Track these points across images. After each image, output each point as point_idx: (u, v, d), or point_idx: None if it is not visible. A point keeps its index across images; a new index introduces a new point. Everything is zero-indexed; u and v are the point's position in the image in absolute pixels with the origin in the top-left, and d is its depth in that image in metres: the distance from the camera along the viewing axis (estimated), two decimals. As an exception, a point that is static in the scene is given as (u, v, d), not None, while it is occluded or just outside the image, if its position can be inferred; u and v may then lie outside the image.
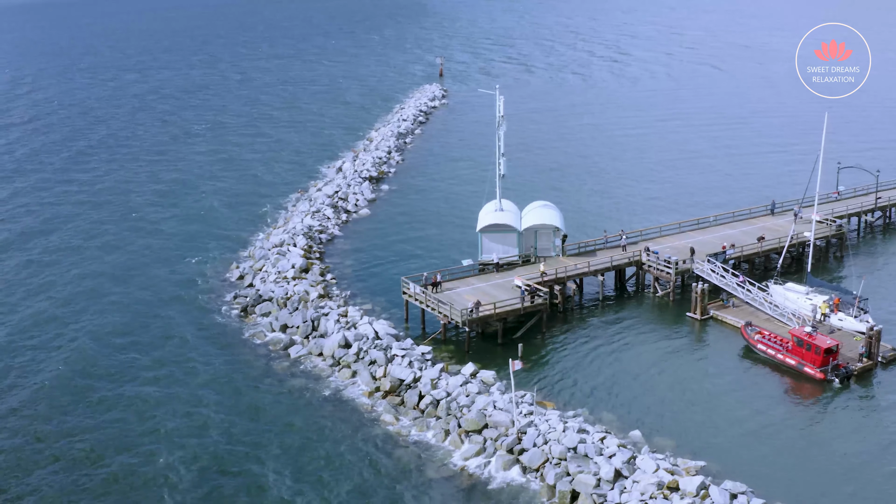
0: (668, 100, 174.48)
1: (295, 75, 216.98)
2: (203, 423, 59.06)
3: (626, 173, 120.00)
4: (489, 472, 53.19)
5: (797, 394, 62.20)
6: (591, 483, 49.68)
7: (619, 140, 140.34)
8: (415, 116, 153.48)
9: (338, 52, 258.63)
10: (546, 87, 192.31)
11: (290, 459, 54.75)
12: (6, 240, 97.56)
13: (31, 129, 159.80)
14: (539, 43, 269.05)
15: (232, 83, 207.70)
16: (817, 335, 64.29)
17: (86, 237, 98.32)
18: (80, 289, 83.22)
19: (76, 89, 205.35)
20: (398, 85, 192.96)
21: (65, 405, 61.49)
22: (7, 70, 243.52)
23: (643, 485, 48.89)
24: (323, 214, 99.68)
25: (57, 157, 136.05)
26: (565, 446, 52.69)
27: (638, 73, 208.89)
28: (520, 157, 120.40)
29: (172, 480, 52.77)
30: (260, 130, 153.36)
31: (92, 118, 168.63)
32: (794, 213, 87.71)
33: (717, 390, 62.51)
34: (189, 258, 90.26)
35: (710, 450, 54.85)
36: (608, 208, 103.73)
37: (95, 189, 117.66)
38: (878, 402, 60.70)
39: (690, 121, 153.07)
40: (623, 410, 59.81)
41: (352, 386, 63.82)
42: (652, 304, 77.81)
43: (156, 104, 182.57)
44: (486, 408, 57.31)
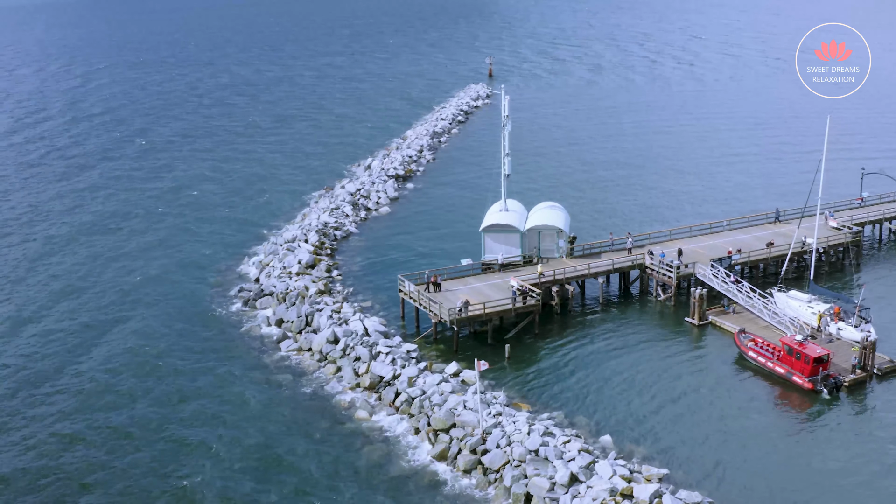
0: (711, 102, 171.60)
1: (351, 73, 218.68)
2: (175, 410, 60.49)
3: (652, 175, 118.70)
4: (451, 472, 53.19)
5: (783, 404, 60.65)
6: (546, 486, 49.25)
7: (653, 141, 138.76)
8: (454, 116, 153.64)
9: (397, 51, 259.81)
10: (591, 87, 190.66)
11: (253, 451, 55.39)
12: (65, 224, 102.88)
13: (100, 122, 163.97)
14: (603, 43, 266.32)
15: (299, 79, 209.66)
16: (808, 344, 62.57)
17: (120, 220, 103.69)
18: (95, 266, 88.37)
19: (147, 83, 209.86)
20: (446, 84, 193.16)
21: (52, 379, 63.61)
22: (80, 64, 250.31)
23: (596, 490, 48.31)
24: (342, 212, 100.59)
25: (121, 150, 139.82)
26: (526, 448, 52.34)
27: (693, 74, 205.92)
28: (544, 157, 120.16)
29: (135, 462, 54.22)
30: (304, 127, 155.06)
31: (159, 112, 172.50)
32: (825, 216, 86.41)
33: (701, 398, 61.24)
34: (206, 249, 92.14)
35: (679, 458, 53.89)
36: (627, 210, 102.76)
37: (149, 180, 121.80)
38: (865, 417, 58.79)
39: (733, 123, 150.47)
40: (600, 415, 59.09)
41: (335, 381, 64.36)
42: (652, 309, 76.64)
43: (226, 98, 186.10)
44: (457, 407, 57.25)
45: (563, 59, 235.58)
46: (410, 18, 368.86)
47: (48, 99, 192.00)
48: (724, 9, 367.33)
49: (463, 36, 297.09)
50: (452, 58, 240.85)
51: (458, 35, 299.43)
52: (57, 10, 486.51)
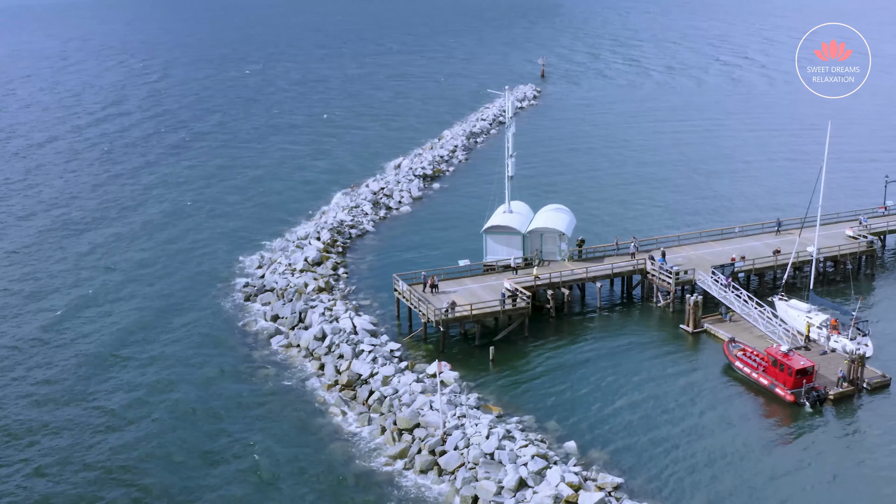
0: (767, 106, 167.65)
1: (405, 71, 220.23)
2: (154, 396, 62.36)
3: (682, 178, 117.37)
4: (408, 472, 53.31)
5: (761, 417, 59.07)
6: (493, 490, 49.00)
7: (691, 144, 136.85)
8: (494, 116, 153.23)
9: (455, 50, 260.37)
10: (641, 89, 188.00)
11: (215, 442, 56.36)
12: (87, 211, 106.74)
13: (149, 116, 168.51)
14: (666, 45, 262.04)
15: (348, 77, 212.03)
16: (793, 355, 60.85)
17: (154, 213, 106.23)
18: (114, 248, 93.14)
19: (222, 79, 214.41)
20: (495, 84, 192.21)
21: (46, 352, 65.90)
22: (140, 59, 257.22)
23: (540, 496, 47.88)
24: (361, 210, 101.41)
25: (161, 144, 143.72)
26: (482, 451, 52.16)
27: (745, 78, 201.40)
28: (574, 158, 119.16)
29: (101, 442, 55.96)
30: (350, 124, 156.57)
31: (207, 107, 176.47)
32: (859, 221, 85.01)
33: (679, 408, 59.95)
34: (223, 244, 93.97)
35: (642, 467, 53.02)
36: (647, 213, 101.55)
37: (183, 172, 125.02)
38: (844, 433, 56.81)
39: (782, 126, 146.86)
40: (571, 421, 58.43)
41: (316, 378, 65.04)
42: (651, 315, 75.42)
43: (271, 95, 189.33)
44: (423, 407, 57.31)
45: (622, 60, 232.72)
46: (480, 18, 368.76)
47: (124, 93, 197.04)
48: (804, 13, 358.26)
49: (528, 36, 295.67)
50: (519, 56, 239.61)
51: (523, 35, 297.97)
52: (139, 4, 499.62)
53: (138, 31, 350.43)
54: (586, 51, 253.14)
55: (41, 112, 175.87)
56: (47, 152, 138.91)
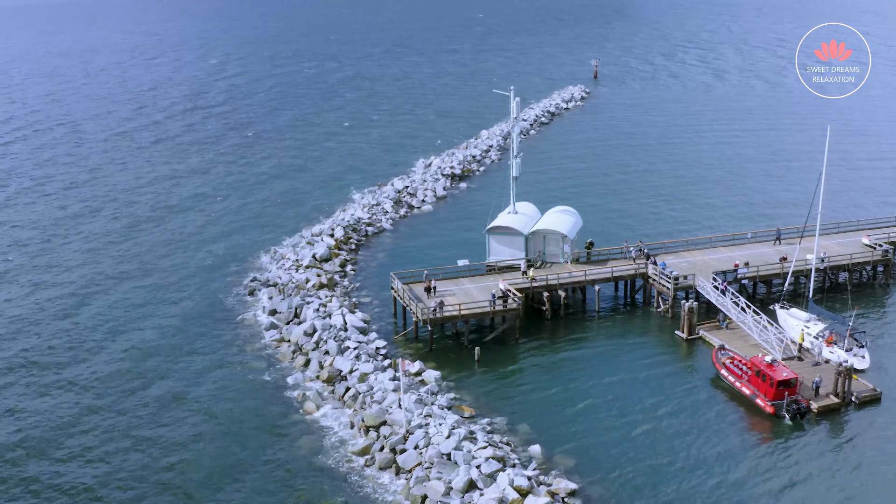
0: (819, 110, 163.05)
1: (462, 70, 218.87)
2: (134, 384, 64.05)
3: (710, 182, 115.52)
4: (368, 468, 53.46)
5: (739, 429, 57.39)
6: (441, 490, 48.83)
7: (723, 147, 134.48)
8: (536, 117, 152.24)
9: (516, 49, 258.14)
10: (692, 91, 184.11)
11: (186, 433, 57.33)
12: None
13: (221, 111, 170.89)
14: (730, 47, 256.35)
15: (405, 74, 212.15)
16: (777, 366, 59.11)
17: (183, 205, 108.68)
18: (134, 241, 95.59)
19: (275, 75, 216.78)
20: (547, 84, 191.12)
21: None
22: (216, 55, 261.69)
23: (486, 499, 47.54)
24: (381, 208, 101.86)
25: (204, 138, 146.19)
26: (439, 451, 52.02)
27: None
28: (600, 159, 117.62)
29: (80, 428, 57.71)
30: (396, 122, 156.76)
31: (259, 103, 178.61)
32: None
33: (654, 417, 58.62)
34: (242, 238, 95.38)
35: (603, 474, 52.24)
36: (664, 216, 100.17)
37: (219, 166, 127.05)
38: (819, 450, 54.78)
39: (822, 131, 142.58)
40: (543, 425, 57.78)
41: (300, 372, 65.61)
42: (650, 320, 74.12)
43: (325, 92, 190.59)
44: (392, 405, 57.38)
45: (681, 63, 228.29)
46: (549, 18, 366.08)
47: (180, 87, 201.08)
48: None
49: (594, 36, 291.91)
50: (580, 56, 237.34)
51: (589, 35, 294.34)
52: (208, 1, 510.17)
53: (203, 27, 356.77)
54: (647, 53, 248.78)
55: (111, 104, 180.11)
56: (93, 146, 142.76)
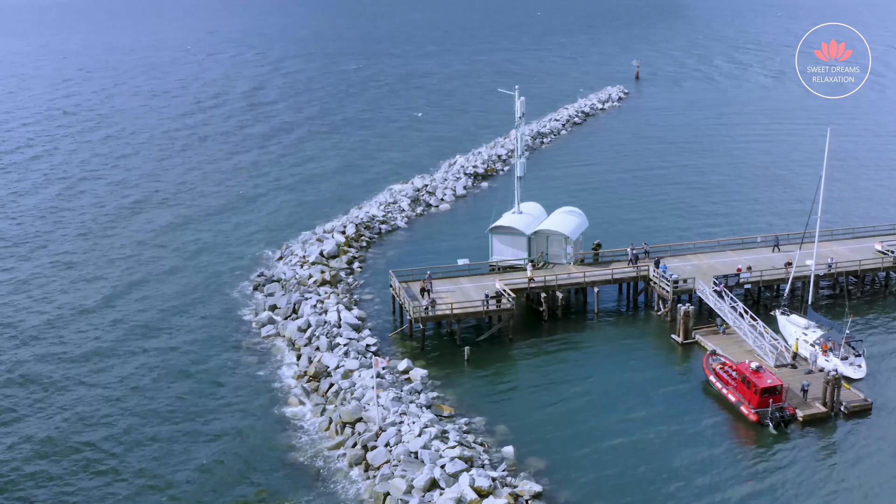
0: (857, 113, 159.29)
1: (508, 69, 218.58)
2: (119, 372, 65.50)
3: (734, 185, 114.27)
4: (339, 465, 53.62)
5: (720, 437, 56.05)
6: (403, 488, 48.74)
7: (754, 149, 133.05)
8: (569, 117, 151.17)
9: (565, 49, 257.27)
10: (729, 94, 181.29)
11: (165, 425, 58.11)
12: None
13: (248, 106, 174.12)
14: (777, 50, 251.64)
15: (455, 74, 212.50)
16: (764, 372, 57.78)
17: (198, 196, 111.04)
18: (150, 233, 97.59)
19: (330, 73, 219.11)
20: (587, 84, 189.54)
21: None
22: (257, 52, 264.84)
23: (444, 499, 47.31)
24: (398, 206, 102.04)
25: (250, 134, 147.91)
26: (407, 449, 51.93)
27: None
28: (623, 161, 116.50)
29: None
30: (438, 121, 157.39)
31: (306, 100, 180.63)
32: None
33: (634, 421, 57.44)
34: (257, 233, 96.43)
35: (573, 478, 51.46)
36: (678, 219, 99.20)
37: (257, 162, 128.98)
38: (798, 460, 53.19)
39: (856, 135, 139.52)
40: (521, 426, 57.20)
41: (287, 367, 66.10)
42: (649, 323, 73.03)
43: (373, 90, 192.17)
44: (369, 402, 57.45)
45: (728, 64, 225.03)
46: (599, 18, 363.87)
47: (232, 83, 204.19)
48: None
49: (643, 36, 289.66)
50: (625, 56, 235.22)
51: (638, 36, 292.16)
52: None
53: (263, 24, 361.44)
54: (695, 54, 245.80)
55: (150, 98, 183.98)
56: (136, 138, 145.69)
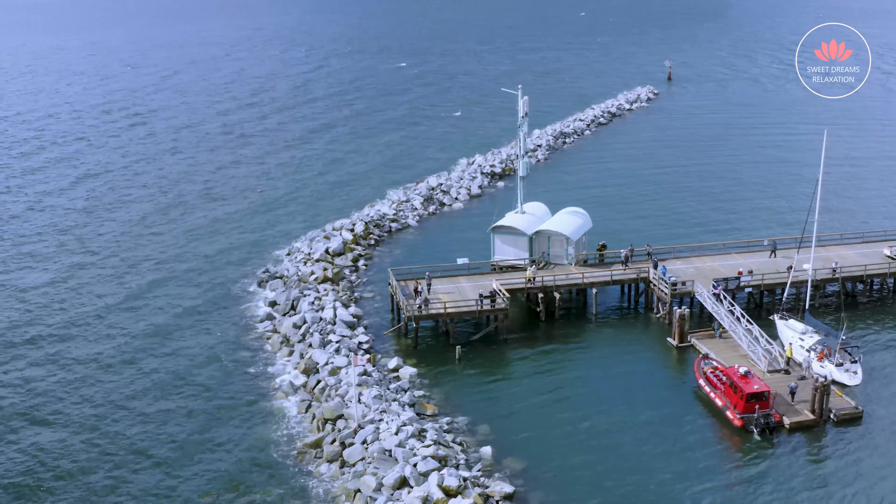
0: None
1: (548, 68, 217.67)
2: (116, 362, 66.56)
3: (745, 185, 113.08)
4: (316, 461, 53.76)
5: (704, 442, 55.13)
6: (372, 486, 48.76)
7: (772, 152, 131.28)
8: (594, 117, 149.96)
9: (605, 49, 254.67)
10: (758, 96, 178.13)
11: (150, 416, 58.86)
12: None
13: (292, 104, 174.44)
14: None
15: (501, 73, 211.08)
16: (752, 377, 56.79)
17: (216, 192, 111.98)
18: (164, 227, 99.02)
19: (374, 72, 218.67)
20: (619, 84, 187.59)
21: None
22: (304, 49, 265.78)
23: (411, 497, 47.22)
24: (410, 205, 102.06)
25: (289, 131, 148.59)
26: (382, 447, 51.95)
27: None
28: (642, 162, 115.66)
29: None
30: (473, 119, 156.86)
31: (348, 98, 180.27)
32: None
33: (617, 424, 56.81)
34: (269, 229, 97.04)
35: (547, 481, 51.17)
36: (686, 219, 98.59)
37: (288, 160, 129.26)
38: (780, 466, 52.28)
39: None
40: (503, 427, 56.89)
41: (280, 363, 66.40)
42: (647, 325, 72.22)
43: (416, 89, 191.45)
44: (350, 400, 57.53)
45: (764, 65, 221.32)
46: (643, 18, 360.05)
47: (275, 81, 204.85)
48: None
49: (684, 37, 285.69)
50: (650, 58, 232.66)
51: (679, 36, 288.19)
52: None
53: (311, 22, 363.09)
54: (732, 55, 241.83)
55: (193, 96, 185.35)
56: (177, 134, 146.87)
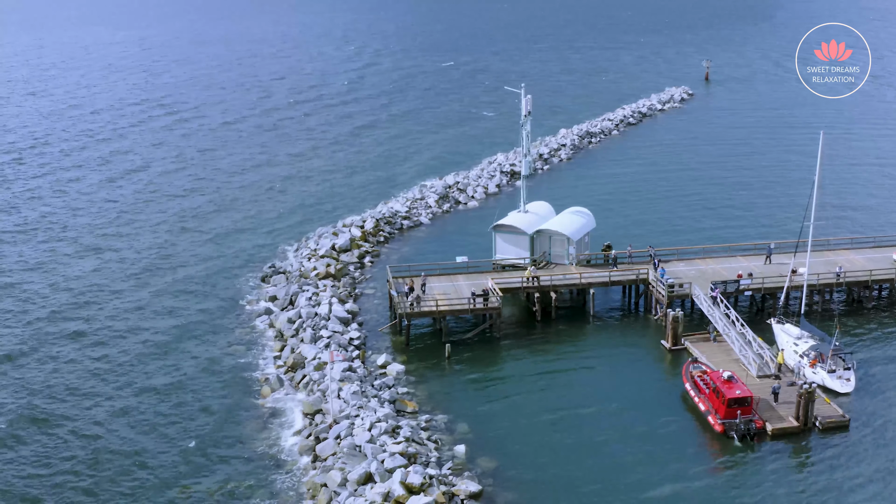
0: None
1: (590, 66, 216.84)
2: (107, 350, 67.57)
3: (762, 188, 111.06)
4: (291, 454, 54.08)
5: (683, 448, 54.21)
6: (337, 480, 48.87)
7: (793, 154, 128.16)
8: (624, 117, 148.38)
9: (647, 48, 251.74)
10: (792, 99, 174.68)
11: (139, 408, 59.60)
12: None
13: (340, 101, 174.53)
14: (872, 54, 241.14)
15: (548, 73, 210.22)
16: (736, 382, 55.73)
17: (233, 190, 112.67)
18: (176, 223, 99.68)
19: (424, 70, 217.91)
20: (654, 85, 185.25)
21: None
22: (355, 46, 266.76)
23: (373, 493, 47.19)
24: (425, 202, 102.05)
25: (327, 129, 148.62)
26: (353, 443, 52.02)
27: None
28: (658, 164, 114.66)
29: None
30: (502, 117, 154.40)
31: (390, 96, 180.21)
32: None
33: (600, 429, 56.18)
34: (280, 225, 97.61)
35: (518, 481, 50.97)
36: (694, 221, 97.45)
37: (316, 157, 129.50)
38: (756, 473, 51.23)
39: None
40: (483, 426, 56.66)
41: (273, 357, 66.87)
42: (645, 327, 71.35)
43: (462, 88, 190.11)
44: (330, 395, 57.72)
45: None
46: (689, 18, 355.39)
47: (326, 77, 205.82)
48: None
49: (729, 37, 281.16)
50: (690, 58, 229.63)
51: (723, 36, 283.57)
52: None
53: (362, 19, 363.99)
54: (774, 57, 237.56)
55: (231, 93, 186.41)
56: (218, 130, 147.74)
